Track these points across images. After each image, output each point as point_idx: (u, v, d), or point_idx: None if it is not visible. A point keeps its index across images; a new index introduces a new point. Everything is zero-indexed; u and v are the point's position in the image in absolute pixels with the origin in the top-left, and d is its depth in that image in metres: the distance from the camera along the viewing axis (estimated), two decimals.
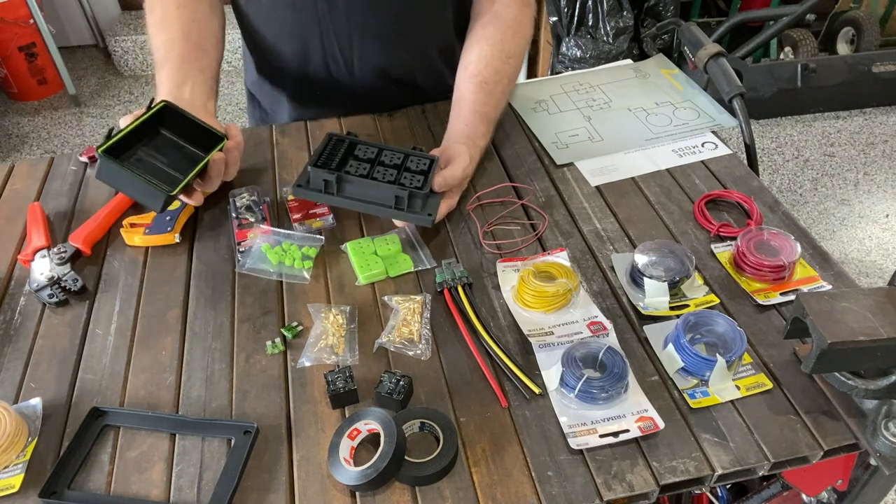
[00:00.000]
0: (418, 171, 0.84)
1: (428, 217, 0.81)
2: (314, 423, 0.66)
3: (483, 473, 0.61)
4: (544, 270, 0.78)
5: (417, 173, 0.83)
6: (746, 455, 0.61)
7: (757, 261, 0.76)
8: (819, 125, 2.88)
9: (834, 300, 0.61)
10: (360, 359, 0.71)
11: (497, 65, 0.96)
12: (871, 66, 2.82)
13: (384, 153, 0.86)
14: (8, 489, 0.62)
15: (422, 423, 0.64)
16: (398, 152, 0.86)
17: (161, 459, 0.64)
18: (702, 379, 0.67)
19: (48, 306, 0.79)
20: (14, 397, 0.70)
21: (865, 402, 0.63)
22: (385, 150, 0.86)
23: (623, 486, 0.59)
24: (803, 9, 2.36)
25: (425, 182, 0.82)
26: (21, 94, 3.15)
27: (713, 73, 1.09)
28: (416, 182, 0.82)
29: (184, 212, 0.88)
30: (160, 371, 0.71)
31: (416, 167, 0.84)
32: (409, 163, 0.85)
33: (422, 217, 0.82)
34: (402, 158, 0.86)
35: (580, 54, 2.76)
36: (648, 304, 0.75)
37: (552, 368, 0.68)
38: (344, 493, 0.60)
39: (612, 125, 1.04)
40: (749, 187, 0.91)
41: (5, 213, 0.93)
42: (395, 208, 0.82)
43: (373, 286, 0.80)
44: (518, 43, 0.99)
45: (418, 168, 0.84)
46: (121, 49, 3.24)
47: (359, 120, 1.06)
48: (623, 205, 0.89)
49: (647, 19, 2.86)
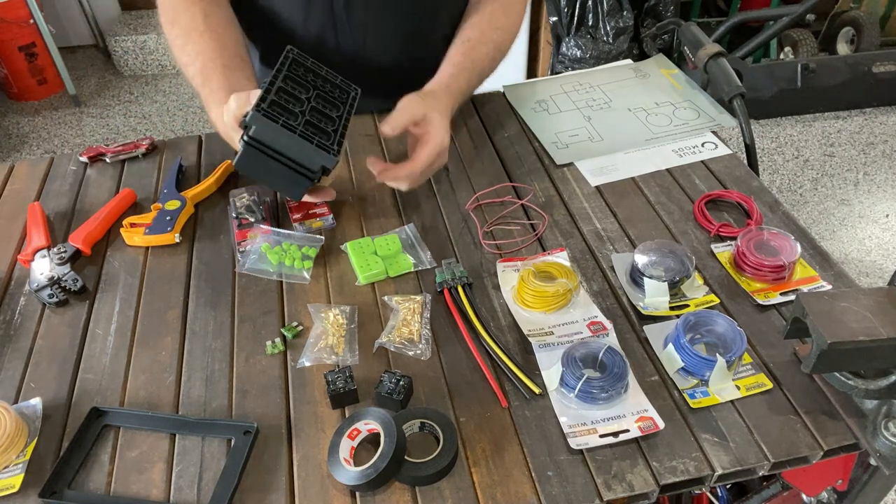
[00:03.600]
0: (333, 120, 0.79)
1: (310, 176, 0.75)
2: (314, 423, 0.66)
3: (483, 473, 0.61)
4: (544, 270, 0.78)
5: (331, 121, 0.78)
6: (746, 455, 0.61)
7: (757, 261, 0.76)
8: (819, 125, 2.88)
9: (834, 300, 0.61)
10: (360, 359, 0.71)
11: (484, 27, 0.97)
12: (871, 66, 2.82)
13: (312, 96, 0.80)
14: (8, 489, 0.62)
15: (422, 423, 0.64)
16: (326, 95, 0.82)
17: (161, 459, 0.64)
18: (702, 379, 0.67)
19: (48, 306, 0.79)
20: (14, 397, 0.70)
21: (865, 402, 0.63)
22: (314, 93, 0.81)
23: (623, 486, 0.59)
24: (803, 9, 2.36)
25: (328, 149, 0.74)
26: (21, 94, 3.15)
27: (713, 73, 1.09)
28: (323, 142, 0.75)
29: (184, 212, 0.88)
30: (160, 371, 0.71)
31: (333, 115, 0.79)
32: (329, 109, 0.80)
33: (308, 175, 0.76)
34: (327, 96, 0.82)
35: (580, 54, 2.76)
36: (648, 304, 0.75)
37: (552, 368, 0.68)
38: (344, 493, 0.60)
39: (612, 125, 1.04)
40: (749, 187, 0.91)
41: (5, 213, 0.93)
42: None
43: (373, 286, 0.80)
44: (509, 19, 1.00)
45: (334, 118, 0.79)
46: (121, 49, 3.24)
47: (359, 120, 1.06)
48: (623, 205, 0.89)
49: (647, 19, 2.86)
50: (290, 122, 0.74)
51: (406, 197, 0.92)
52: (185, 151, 1.02)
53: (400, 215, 0.90)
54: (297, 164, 0.75)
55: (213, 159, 1.00)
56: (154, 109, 3.08)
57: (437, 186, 0.94)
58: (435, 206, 0.91)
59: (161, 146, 1.04)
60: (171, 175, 0.95)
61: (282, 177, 0.75)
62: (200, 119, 3.00)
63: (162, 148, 1.03)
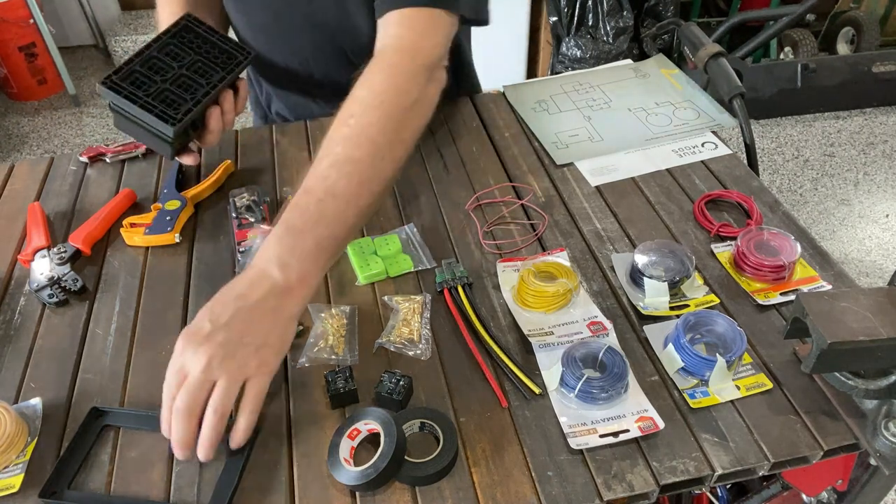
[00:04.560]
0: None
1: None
2: (314, 423, 0.66)
3: (483, 473, 0.61)
4: (544, 270, 0.78)
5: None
6: (746, 455, 0.61)
7: (757, 261, 0.76)
8: (819, 125, 2.88)
9: (834, 300, 0.61)
10: (360, 359, 0.71)
11: (333, 133, 0.71)
12: (871, 66, 2.82)
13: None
14: (8, 489, 0.62)
15: (422, 423, 0.64)
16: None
17: (161, 459, 0.64)
18: (702, 379, 0.67)
19: (48, 306, 0.79)
20: (14, 397, 0.70)
21: (865, 402, 0.63)
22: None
23: (623, 486, 0.59)
24: (803, 9, 2.36)
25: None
26: (21, 94, 3.15)
27: (713, 73, 1.09)
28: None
29: (184, 212, 0.88)
30: (160, 371, 0.71)
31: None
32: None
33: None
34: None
35: (580, 54, 2.76)
36: (648, 304, 0.75)
37: (552, 368, 0.68)
38: (344, 493, 0.60)
39: (612, 125, 1.04)
40: (749, 187, 0.91)
41: (5, 213, 0.93)
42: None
43: (373, 286, 0.80)
44: (373, 92, 0.73)
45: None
46: (121, 49, 3.24)
47: None
48: (623, 205, 0.89)
49: (647, 19, 2.87)
50: (135, 92, 0.80)
51: (406, 197, 0.92)
52: None
53: (400, 215, 0.90)
54: (152, 128, 0.81)
55: (213, 159, 1.00)
56: None
57: (437, 186, 0.94)
58: (435, 206, 0.91)
59: None
60: (171, 175, 0.95)
61: (147, 138, 0.84)
62: None
63: None
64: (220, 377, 0.59)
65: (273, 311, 0.62)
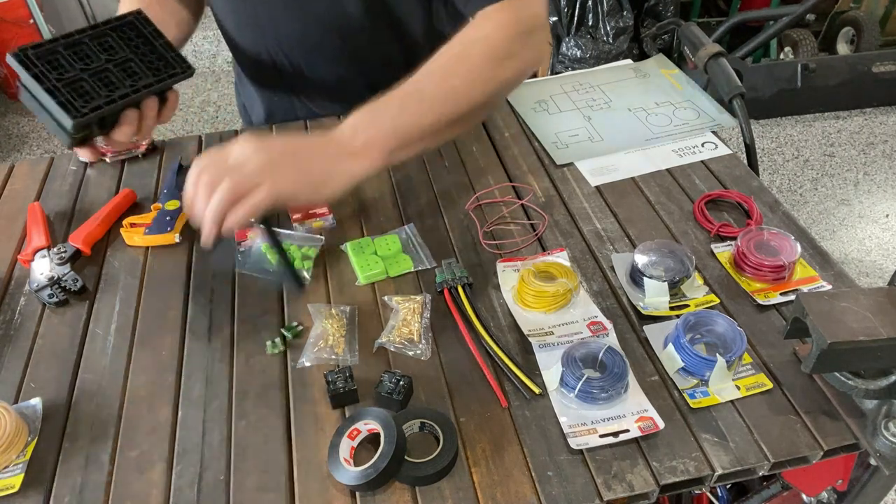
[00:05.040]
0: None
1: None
2: (314, 423, 0.66)
3: (483, 473, 0.61)
4: (544, 270, 0.78)
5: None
6: (746, 455, 0.61)
7: (757, 261, 0.76)
8: (819, 125, 2.88)
9: (834, 300, 0.61)
10: (360, 359, 0.71)
11: (437, 55, 0.78)
12: (871, 66, 2.82)
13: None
14: (8, 489, 0.62)
15: (422, 423, 0.64)
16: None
17: (161, 459, 0.64)
18: (702, 379, 0.67)
19: (48, 306, 0.79)
20: (14, 397, 0.70)
21: (865, 402, 0.63)
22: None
23: (623, 486, 0.59)
24: (803, 9, 2.36)
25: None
26: None
27: (713, 73, 1.09)
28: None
29: (184, 212, 0.88)
30: (160, 371, 0.71)
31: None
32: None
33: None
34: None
35: (580, 54, 2.76)
36: (648, 304, 0.75)
37: (552, 368, 0.68)
38: (344, 493, 0.60)
39: (612, 125, 1.04)
40: (749, 187, 0.91)
41: (5, 213, 0.93)
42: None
43: (373, 286, 0.80)
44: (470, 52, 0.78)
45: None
46: None
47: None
48: (623, 205, 0.89)
49: (647, 19, 2.87)
50: (46, 73, 0.76)
51: (406, 197, 0.92)
52: (185, 151, 1.02)
53: (400, 215, 0.90)
54: (52, 115, 0.77)
55: None
56: None
57: (437, 186, 0.94)
58: (435, 206, 0.91)
59: (161, 146, 1.04)
60: (171, 175, 0.95)
61: (48, 123, 0.78)
62: (200, 119, 3.00)
63: (162, 148, 1.03)
64: (250, 170, 0.65)
65: (332, 155, 0.68)
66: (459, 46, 0.77)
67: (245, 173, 0.65)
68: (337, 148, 0.69)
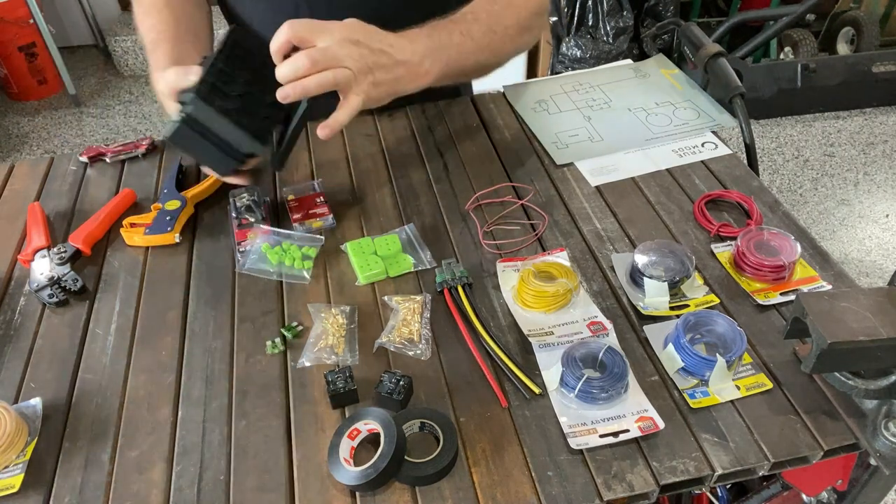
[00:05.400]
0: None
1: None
2: (314, 423, 0.66)
3: (483, 473, 0.61)
4: (544, 270, 0.78)
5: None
6: (746, 455, 0.61)
7: (757, 261, 0.76)
8: (819, 125, 2.89)
9: (834, 300, 0.61)
10: (360, 359, 0.71)
11: (482, 3, 0.89)
12: (871, 66, 2.83)
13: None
14: (8, 489, 0.62)
15: (422, 423, 0.64)
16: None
17: (161, 459, 0.64)
18: (702, 379, 0.67)
19: (48, 306, 0.79)
20: (14, 397, 0.70)
21: (865, 402, 0.63)
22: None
23: (623, 486, 0.59)
24: (803, 9, 2.36)
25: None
26: (21, 94, 3.15)
27: (713, 73, 1.09)
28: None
29: (184, 212, 0.88)
30: (160, 371, 0.71)
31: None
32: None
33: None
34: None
35: (580, 54, 2.76)
36: (648, 304, 0.75)
37: (552, 368, 0.68)
38: (344, 493, 0.60)
39: (612, 125, 1.04)
40: (749, 187, 0.91)
41: (5, 213, 0.93)
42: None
43: (373, 286, 0.80)
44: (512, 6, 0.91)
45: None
46: (121, 49, 3.24)
47: (359, 119, 1.06)
48: (623, 205, 0.89)
49: (647, 19, 2.87)
50: (225, 105, 0.77)
51: (406, 197, 0.92)
52: None
53: (400, 215, 0.90)
54: (226, 145, 0.78)
55: None
56: (154, 109, 3.08)
57: (437, 186, 0.94)
58: (435, 206, 0.91)
59: (161, 146, 1.04)
60: (171, 175, 0.95)
61: (209, 155, 0.80)
62: None
63: (162, 148, 1.03)
64: (353, 62, 0.76)
65: (402, 76, 0.81)
66: (498, 6, 0.89)
67: (350, 61, 0.75)
68: (406, 69, 0.81)
